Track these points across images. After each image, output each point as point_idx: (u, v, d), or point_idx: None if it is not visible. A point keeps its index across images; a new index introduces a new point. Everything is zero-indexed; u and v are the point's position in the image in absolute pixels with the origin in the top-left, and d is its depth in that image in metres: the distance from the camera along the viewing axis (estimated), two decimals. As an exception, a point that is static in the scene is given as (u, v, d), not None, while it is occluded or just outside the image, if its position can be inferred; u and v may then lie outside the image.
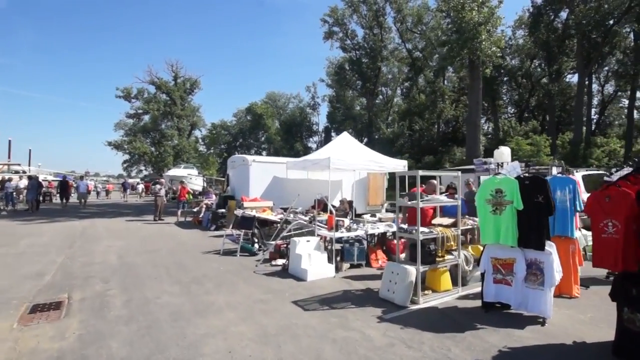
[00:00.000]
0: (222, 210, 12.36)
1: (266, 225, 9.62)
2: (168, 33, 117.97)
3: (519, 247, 4.40)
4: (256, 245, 8.44)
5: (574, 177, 5.62)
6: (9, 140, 37.46)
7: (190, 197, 15.68)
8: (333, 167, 9.26)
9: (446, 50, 22.05)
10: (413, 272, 4.82)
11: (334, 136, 40.91)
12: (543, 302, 4.21)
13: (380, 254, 7.33)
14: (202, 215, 13.35)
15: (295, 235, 7.58)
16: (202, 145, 49.22)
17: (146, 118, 40.59)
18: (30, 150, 43.46)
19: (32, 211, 17.00)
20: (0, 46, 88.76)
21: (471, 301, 5.04)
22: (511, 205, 4.39)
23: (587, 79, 26.64)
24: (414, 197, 5.39)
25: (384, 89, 44.63)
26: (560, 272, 4.27)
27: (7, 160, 32.19)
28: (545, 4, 27.85)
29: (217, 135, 50.93)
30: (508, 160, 6.81)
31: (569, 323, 4.29)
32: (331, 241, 6.80)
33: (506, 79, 34.45)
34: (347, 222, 7.38)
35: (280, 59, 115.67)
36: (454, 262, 5.37)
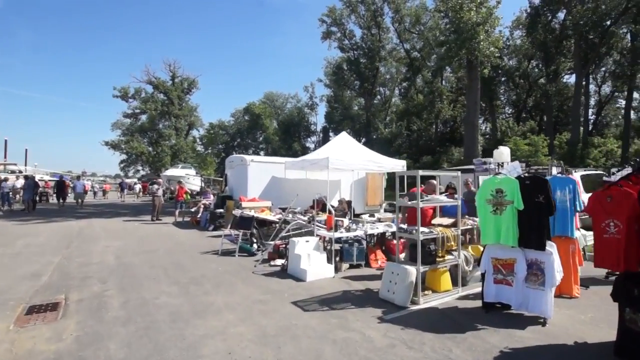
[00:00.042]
0: (220, 210, 12.31)
1: (265, 225, 9.59)
2: (166, 33, 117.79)
3: (520, 247, 4.39)
4: (255, 246, 8.40)
5: (574, 177, 5.61)
6: (5, 140, 37.31)
7: (188, 197, 15.62)
8: (332, 167, 9.23)
9: (444, 51, 22.11)
10: (413, 273, 4.80)
11: (332, 136, 41.00)
12: (544, 303, 4.20)
13: (380, 254, 7.31)
14: (200, 215, 13.29)
15: (294, 236, 7.55)
16: (200, 145, 49.15)
17: (143, 118, 40.45)
18: (26, 150, 43.15)
19: (29, 211, 16.89)
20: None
21: (471, 301, 5.03)
22: (512, 205, 4.37)
23: (585, 80, 26.76)
24: (413, 197, 5.37)
25: (382, 89, 44.71)
26: (561, 272, 4.26)
27: (4, 160, 32.03)
28: (543, 4, 27.96)
29: (215, 135, 50.83)
30: (507, 160, 6.81)
31: (570, 323, 4.28)
32: (330, 241, 6.77)
33: (504, 79, 34.58)
34: (347, 222, 7.36)
35: (278, 59, 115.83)
36: (454, 263, 5.36)
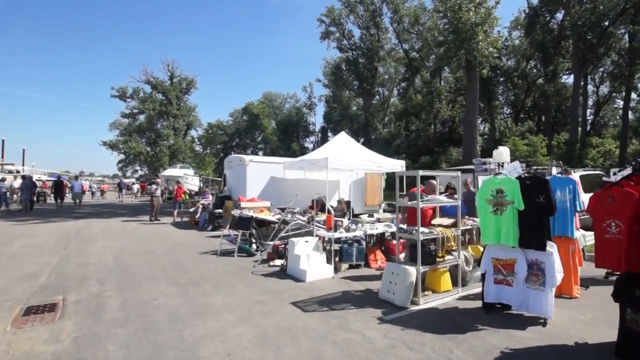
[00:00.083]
0: (219, 210, 12.28)
1: (263, 225, 9.56)
2: (164, 33, 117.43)
3: (520, 248, 4.38)
4: (254, 246, 8.38)
5: (574, 178, 5.60)
6: (2, 140, 37.10)
7: (186, 198, 15.58)
8: (331, 167, 9.21)
9: (443, 51, 22.12)
10: (413, 273, 4.78)
11: (331, 136, 41.00)
12: (544, 303, 4.19)
13: (379, 255, 7.30)
14: (199, 215, 13.27)
15: (293, 236, 7.52)
16: (198, 145, 49.10)
17: (142, 118, 40.43)
18: (24, 149, 42.92)
19: (26, 211, 16.82)
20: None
21: (471, 302, 5.01)
22: (512, 205, 4.36)
23: (583, 80, 26.81)
24: (413, 197, 5.36)
25: (380, 89, 44.72)
26: (561, 273, 4.25)
27: (1, 160, 31.90)
28: (541, 5, 28.02)
29: (214, 135, 50.79)
30: (507, 161, 6.80)
31: (570, 324, 4.27)
32: (330, 242, 6.75)
33: (502, 79, 34.61)
34: (346, 223, 7.34)
35: (277, 59, 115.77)
36: (454, 263, 5.34)
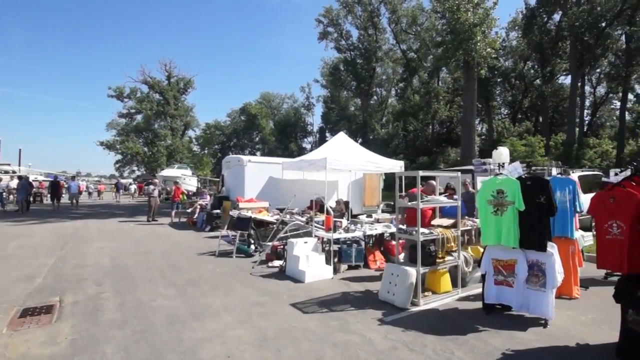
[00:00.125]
0: (217, 211, 12.24)
1: (262, 226, 9.52)
2: (161, 33, 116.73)
3: (521, 248, 4.36)
4: (252, 247, 8.34)
5: (574, 178, 5.60)
6: (-2, 140, 36.84)
7: (184, 198, 15.51)
8: (329, 168, 9.17)
9: (441, 51, 22.13)
10: (413, 274, 4.76)
11: (329, 137, 40.99)
12: (545, 304, 4.18)
13: (378, 255, 7.27)
14: (197, 216, 13.21)
15: (291, 237, 7.49)
16: (196, 146, 48.94)
17: (139, 118, 40.22)
18: (20, 150, 42.76)
19: (22, 212, 16.69)
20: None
21: (471, 303, 5.00)
22: (512, 205, 4.35)
23: (580, 81, 26.90)
24: (413, 198, 5.34)
25: (378, 89, 44.68)
26: (562, 274, 4.24)
27: (-3, 160, 31.67)
28: (539, 6, 28.14)
29: (211, 136, 50.64)
30: (506, 161, 6.79)
31: (571, 324, 4.26)
32: (329, 242, 6.72)
33: (500, 80, 34.68)
34: (345, 223, 7.31)
35: (275, 59, 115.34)
36: (454, 264, 5.33)
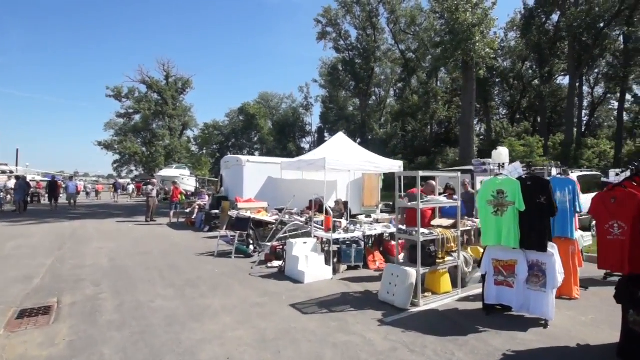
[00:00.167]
0: (216, 211, 12.20)
1: (261, 226, 9.49)
2: (159, 32, 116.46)
3: (521, 249, 4.35)
4: (251, 247, 8.31)
5: (574, 178, 5.59)
6: (-4, 140, 36.68)
7: (182, 198, 15.46)
8: (329, 168, 9.14)
9: (440, 51, 22.13)
10: (413, 274, 4.74)
11: (327, 137, 40.91)
12: (545, 304, 4.17)
13: (378, 256, 7.26)
14: (195, 216, 13.17)
15: (290, 237, 7.46)
16: (194, 146, 48.80)
17: (137, 118, 40.05)
18: (17, 150, 42.47)
19: (20, 212, 16.62)
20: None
21: (471, 303, 4.99)
22: (513, 206, 4.34)
23: (578, 81, 26.97)
24: (413, 198, 5.32)
25: (377, 89, 44.69)
26: (562, 274, 4.23)
27: (-6, 160, 31.54)
28: (537, 6, 28.18)
29: (210, 136, 50.50)
30: (506, 161, 6.78)
31: (571, 325, 4.25)
32: (328, 243, 6.70)
33: (498, 80, 34.75)
34: (345, 224, 7.29)
35: (273, 59, 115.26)
36: (454, 264, 5.31)
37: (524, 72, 33.73)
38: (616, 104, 30.14)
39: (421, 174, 5.05)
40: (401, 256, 5.51)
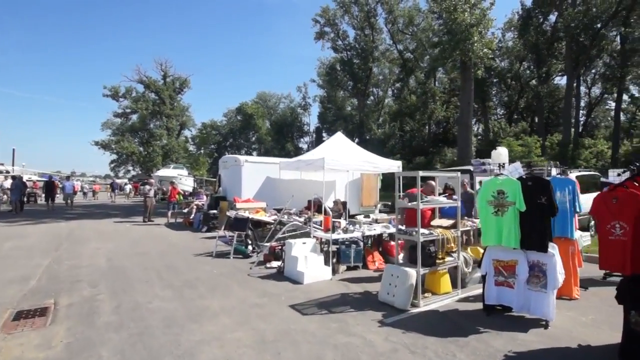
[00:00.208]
0: (214, 211, 12.15)
1: (259, 226, 9.46)
2: (157, 32, 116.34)
3: (521, 249, 4.34)
4: (250, 247, 8.27)
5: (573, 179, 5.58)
6: (-8, 139, 36.46)
7: (180, 198, 15.40)
8: (327, 168, 9.12)
9: (438, 52, 22.14)
10: (413, 275, 4.72)
11: (325, 137, 40.89)
12: (546, 305, 4.15)
13: (377, 256, 7.23)
14: (193, 216, 13.12)
15: (289, 237, 7.43)
16: (192, 145, 48.70)
17: (134, 117, 39.97)
18: (14, 149, 42.15)
19: (16, 212, 16.50)
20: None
21: (472, 304, 4.97)
22: (513, 206, 4.32)
23: (575, 81, 27.05)
24: (413, 198, 5.30)
25: (375, 89, 44.73)
26: (563, 274, 4.22)
27: (-10, 160, 31.33)
28: (535, 6, 28.23)
29: (207, 135, 50.40)
30: (505, 161, 6.77)
31: (572, 325, 4.24)
32: (327, 243, 6.67)
33: (496, 80, 34.81)
34: (344, 224, 7.26)
35: (271, 59, 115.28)
36: (453, 264, 5.30)
37: (522, 73, 33.82)
38: (613, 104, 30.30)
39: (421, 174, 5.03)
40: (400, 256, 5.48)
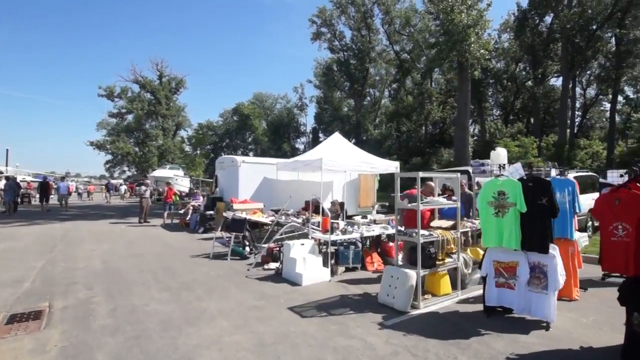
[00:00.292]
0: (210, 212, 12.07)
1: (257, 227, 9.39)
2: (153, 32, 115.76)
3: (522, 250, 4.31)
4: (247, 249, 8.20)
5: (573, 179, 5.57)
6: (-15, 140, 36.07)
7: (176, 199, 15.29)
8: (325, 168, 9.07)
9: (435, 52, 22.19)
10: (413, 276, 4.68)
11: (322, 137, 40.91)
12: (547, 306, 4.13)
13: (376, 257, 7.19)
14: (190, 217, 13.02)
15: (287, 238, 7.37)
16: (188, 146, 48.50)
17: (130, 117, 39.66)
18: (7, 150, 41.73)
19: (10, 213, 16.29)
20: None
21: (472, 305, 4.94)
22: (514, 207, 4.30)
23: (571, 83, 27.19)
24: (412, 199, 5.26)
25: (371, 90, 44.75)
26: (564, 276, 4.20)
27: (-17, 161, 31.01)
28: (531, 8, 28.37)
29: (204, 136, 50.23)
30: (505, 162, 6.76)
31: (573, 327, 4.22)
32: (326, 244, 6.62)
33: (492, 81, 34.95)
34: (342, 225, 7.22)
35: (268, 59, 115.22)
36: (453, 265, 5.26)
37: (518, 74, 33.98)
38: (608, 105, 30.47)
39: (421, 174, 4.99)
40: (399, 257, 5.44)
